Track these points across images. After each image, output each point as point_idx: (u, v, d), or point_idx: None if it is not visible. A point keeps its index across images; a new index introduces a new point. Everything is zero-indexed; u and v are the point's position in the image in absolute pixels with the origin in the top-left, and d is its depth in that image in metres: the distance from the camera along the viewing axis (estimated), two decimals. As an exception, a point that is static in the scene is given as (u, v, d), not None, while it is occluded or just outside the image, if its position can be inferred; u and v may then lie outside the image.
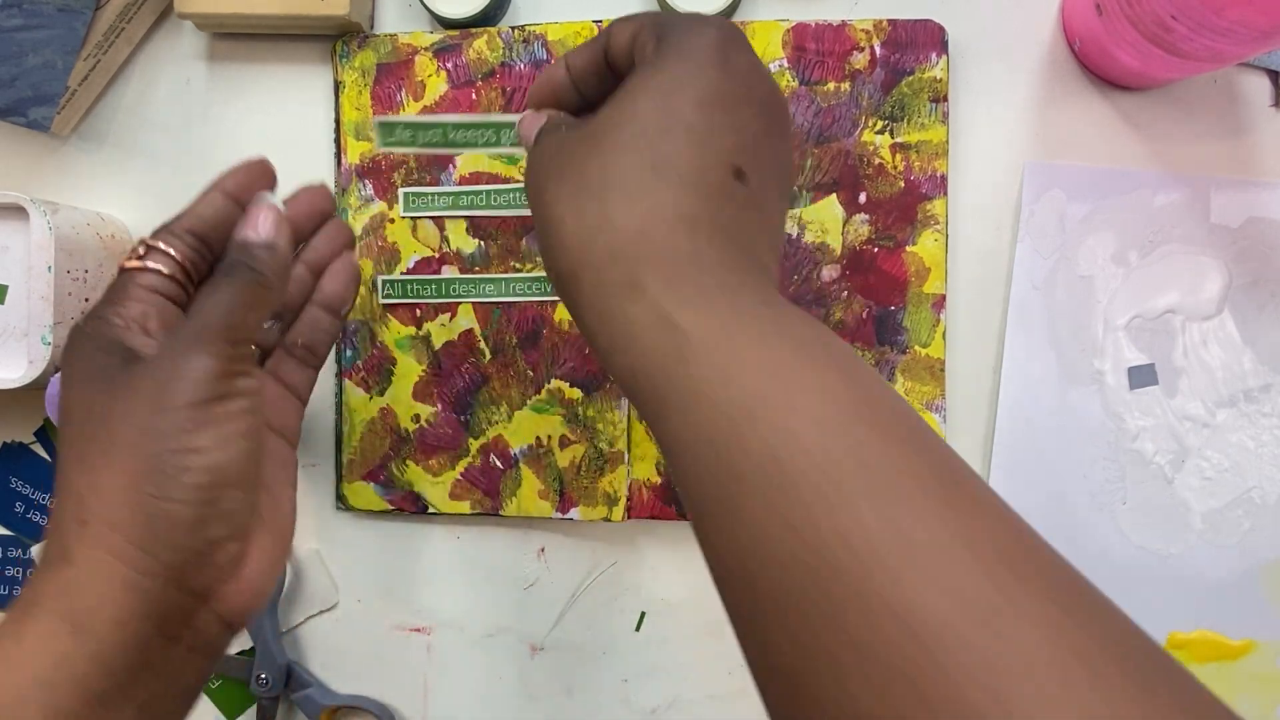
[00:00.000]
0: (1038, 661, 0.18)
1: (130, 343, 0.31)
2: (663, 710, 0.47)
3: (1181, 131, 0.45)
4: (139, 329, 0.31)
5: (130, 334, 0.31)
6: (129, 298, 0.32)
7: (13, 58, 0.45)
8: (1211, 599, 0.44)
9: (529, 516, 0.46)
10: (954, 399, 0.45)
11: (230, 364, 0.30)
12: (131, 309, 0.31)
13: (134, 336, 0.31)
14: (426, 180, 0.46)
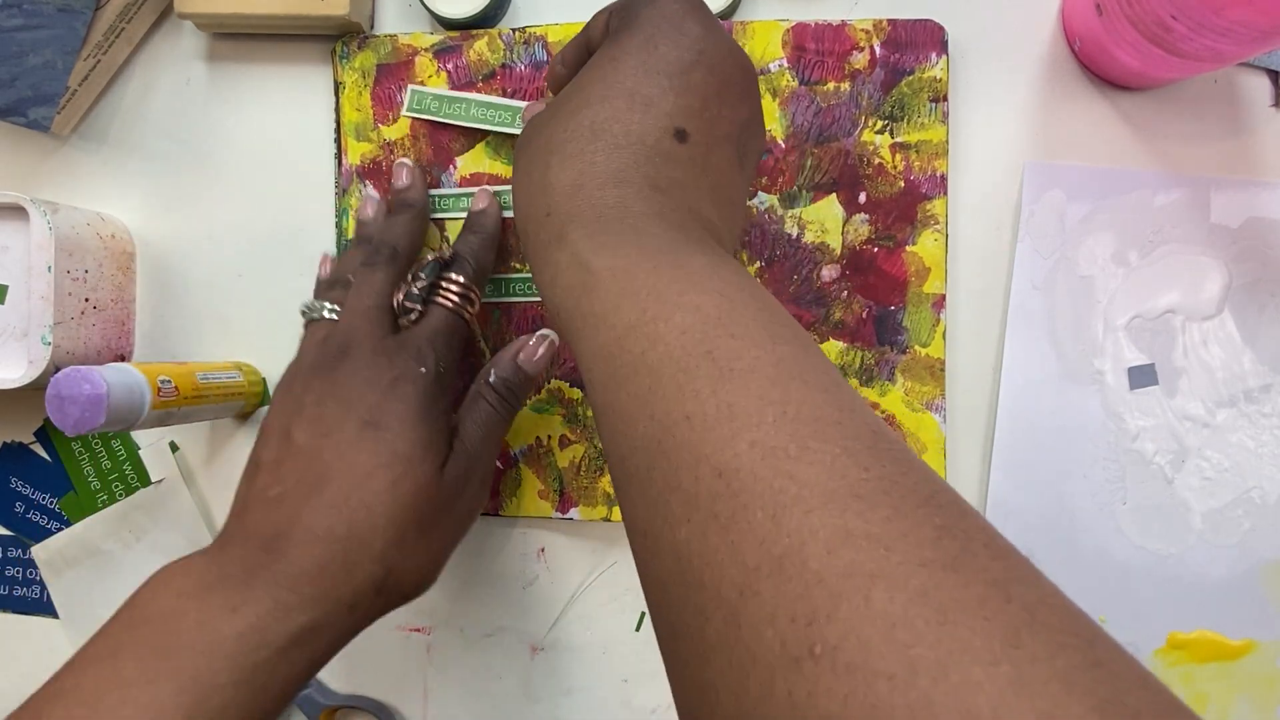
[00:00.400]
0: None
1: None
2: (663, 710, 0.47)
3: (1181, 131, 0.45)
4: None
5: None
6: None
7: (13, 58, 0.45)
8: (1211, 599, 0.44)
9: (529, 516, 0.46)
10: (954, 399, 0.45)
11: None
12: None
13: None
14: (428, 181, 0.46)
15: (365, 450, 0.35)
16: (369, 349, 0.38)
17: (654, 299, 0.26)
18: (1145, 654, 0.44)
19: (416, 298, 0.39)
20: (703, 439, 0.23)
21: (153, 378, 0.40)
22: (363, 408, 0.36)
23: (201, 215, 0.48)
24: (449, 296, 0.40)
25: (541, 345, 0.42)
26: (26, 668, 0.49)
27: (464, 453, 0.38)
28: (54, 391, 0.37)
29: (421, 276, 0.40)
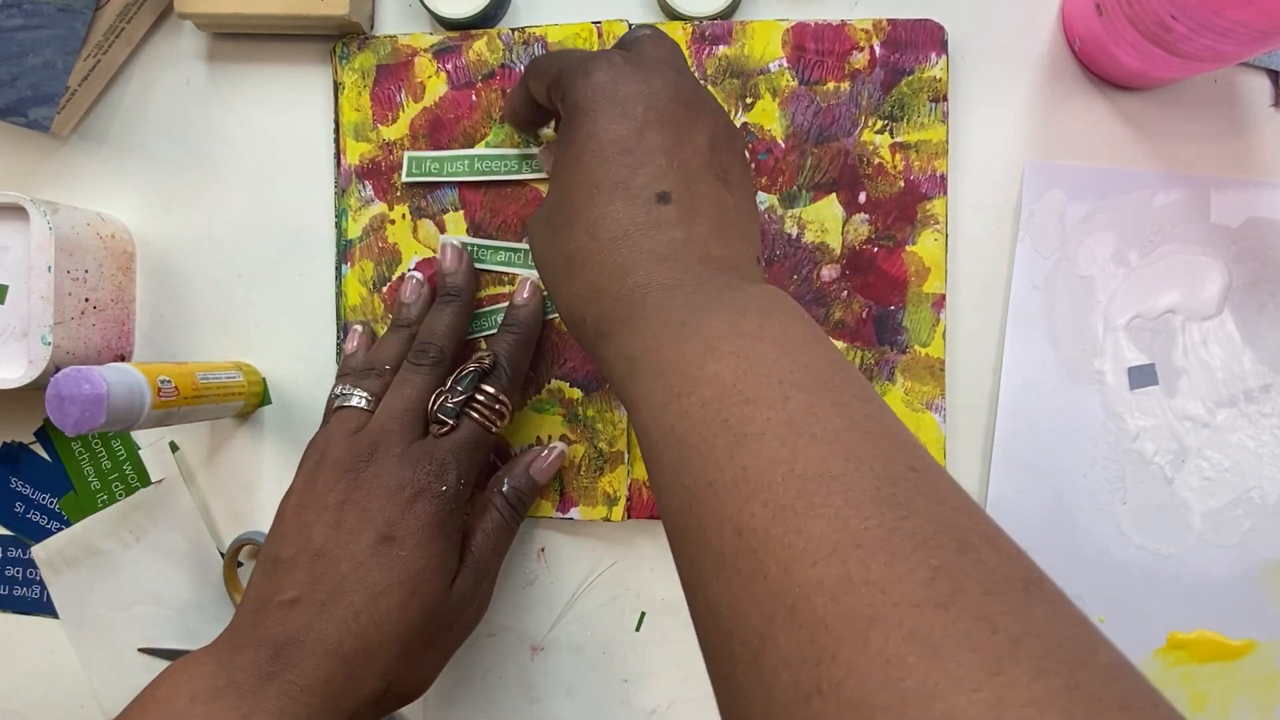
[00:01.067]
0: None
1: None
2: (663, 710, 0.47)
3: (1181, 131, 0.45)
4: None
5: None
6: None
7: (13, 58, 0.45)
8: (1211, 599, 0.44)
9: (529, 516, 0.46)
10: (954, 399, 0.45)
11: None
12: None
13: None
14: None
15: (380, 566, 0.37)
16: (396, 455, 0.39)
17: (679, 376, 0.28)
18: (1145, 654, 0.44)
19: (451, 411, 0.40)
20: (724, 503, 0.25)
21: (153, 378, 0.40)
22: (381, 520, 0.37)
23: (201, 215, 0.48)
24: (482, 412, 0.41)
25: (553, 456, 0.44)
26: (26, 668, 0.49)
27: (473, 566, 0.40)
28: (54, 391, 0.37)
29: (459, 390, 0.40)
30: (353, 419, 0.40)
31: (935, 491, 0.24)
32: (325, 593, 0.36)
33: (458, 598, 0.39)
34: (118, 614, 0.48)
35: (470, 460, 0.40)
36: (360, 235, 0.47)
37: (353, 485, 0.38)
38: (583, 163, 0.33)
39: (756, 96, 0.44)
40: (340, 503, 0.38)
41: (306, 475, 0.39)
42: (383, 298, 0.46)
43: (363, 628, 0.36)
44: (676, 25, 0.45)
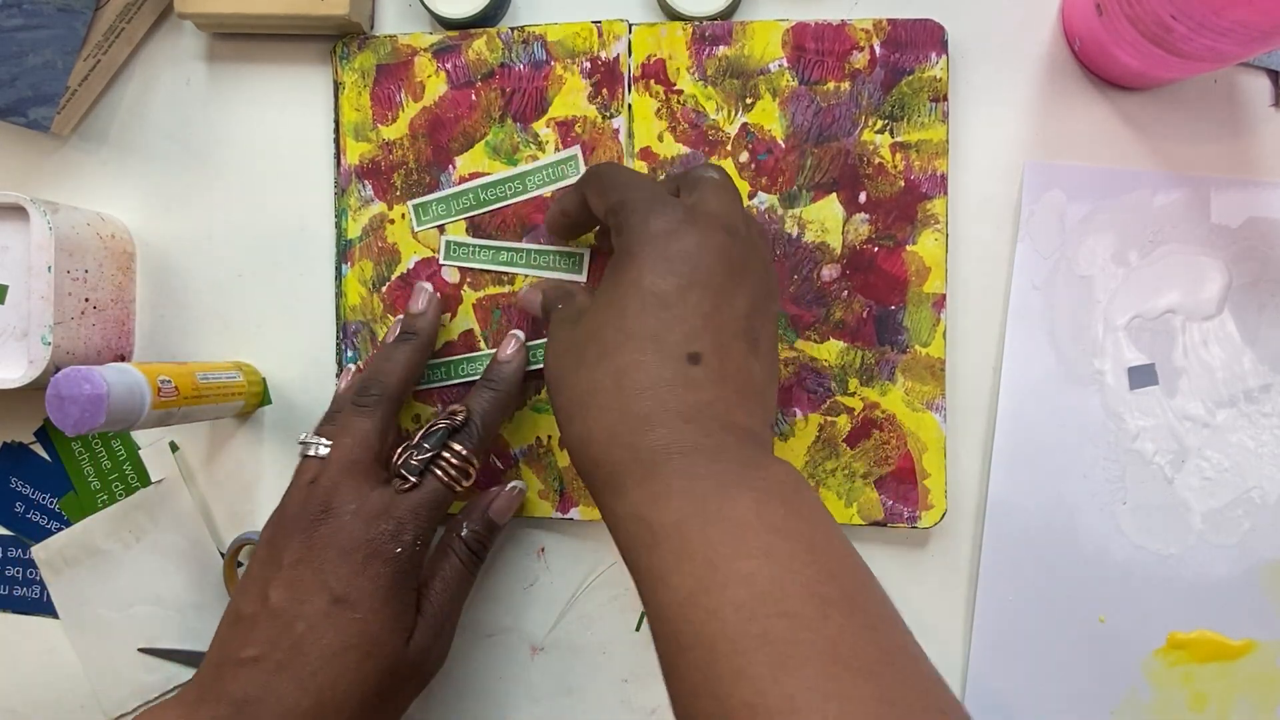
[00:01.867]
0: None
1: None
2: (663, 710, 0.47)
3: (1181, 131, 0.45)
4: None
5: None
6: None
7: (13, 58, 0.45)
8: (1211, 599, 0.44)
9: (529, 516, 0.46)
10: (954, 399, 0.45)
11: None
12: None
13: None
14: (427, 181, 0.46)
15: (334, 628, 0.36)
16: (350, 511, 0.38)
17: (707, 568, 0.28)
18: (1145, 654, 0.44)
19: (414, 469, 0.39)
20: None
21: (153, 378, 0.40)
22: (335, 581, 0.37)
23: (201, 215, 0.48)
24: (448, 471, 0.40)
25: (511, 496, 0.44)
26: (27, 668, 0.49)
27: (432, 618, 0.40)
28: (54, 391, 0.37)
29: (426, 447, 0.40)
30: (310, 469, 0.40)
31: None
32: (283, 652, 0.36)
33: (416, 652, 0.39)
34: (118, 614, 0.48)
35: (430, 519, 0.39)
36: (360, 235, 0.47)
37: (306, 544, 0.38)
38: (622, 307, 0.33)
39: (756, 96, 0.44)
40: (295, 561, 0.37)
41: (268, 530, 0.39)
42: (382, 297, 0.46)
43: (319, 687, 0.36)
44: (676, 25, 0.45)
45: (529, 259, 0.45)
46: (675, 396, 0.32)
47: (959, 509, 0.45)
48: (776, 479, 0.30)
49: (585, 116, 0.45)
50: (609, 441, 0.32)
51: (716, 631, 0.26)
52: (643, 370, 0.32)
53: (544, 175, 0.45)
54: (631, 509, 0.31)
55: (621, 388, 0.32)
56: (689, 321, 0.33)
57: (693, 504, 0.29)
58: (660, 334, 0.33)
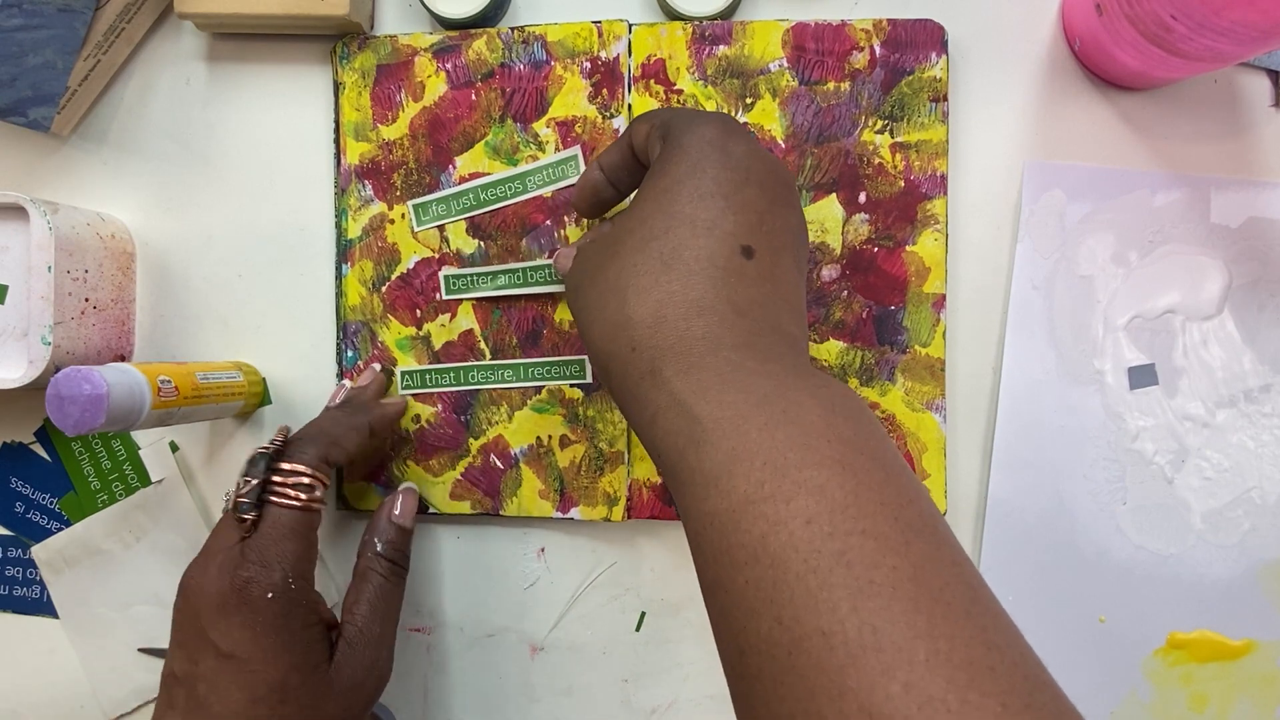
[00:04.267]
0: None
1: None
2: (663, 710, 0.47)
3: (1181, 131, 0.45)
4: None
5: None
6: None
7: (13, 58, 0.45)
8: (1211, 599, 0.44)
9: (529, 516, 0.46)
10: (954, 399, 0.45)
11: None
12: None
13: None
14: (427, 181, 0.46)
15: (235, 683, 0.34)
16: (215, 566, 0.36)
17: (771, 471, 0.24)
18: (1145, 654, 0.44)
19: (246, 506, 0.37)
20: (846, 668, 0.21)
21: (153, 378, 0.40)
22: (217, 637, 0.35)
23: (201, 215, 0.48)
24: (283, 491, 0.37)
25: (406, 498, 0.43)
26: (27, 668, 0.49)
27: (362, 642, 0.38)
28: (54, 391, 0.37)
29: (250, 479, 0.37)
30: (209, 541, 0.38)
31: (1059, 697, 0.22)
32: (191, 715, 0.35)
33: (346, 680, 0.37)
34: (118, 614, 0.48)
35: (296, 551, 0.37)
36: (360, 235, 0.47)
37: (183, 604, 0.36)
38: (672, 194, 0.31)
39: (756, 96, 0.44)
40: (180, 623, 0.36)
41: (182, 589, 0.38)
42: (382, 297, 0.46)
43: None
44: (676, 25, 0.45)
45: (527, 277, 0.45)
46: (728, 285, 0.29)
47: (959, 509, 0.45)
48: (838, 391, 0.27)
49: (585, 116, 0.45)
50: (655, 324, 0.29)
51: (784, 546, 0.23)
52: (695, 253, 0.30)
53: (544, 175, 0.45)
54: (675, 398, 0.27)
55: (670, 268, 0.30)
56: (745, 215, 0.31)
57: (751, 400, 0.26)
58: (715, 221, 0.30)
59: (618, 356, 0.30)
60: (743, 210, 0.31)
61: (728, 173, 0.31)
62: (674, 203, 0.31)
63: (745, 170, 0.32)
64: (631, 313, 0.30)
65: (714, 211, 0.31)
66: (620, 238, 0.32)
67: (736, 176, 0.31)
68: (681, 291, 0.29)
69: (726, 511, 0.25)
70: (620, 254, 0.31)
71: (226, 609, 0.35)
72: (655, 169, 0.33)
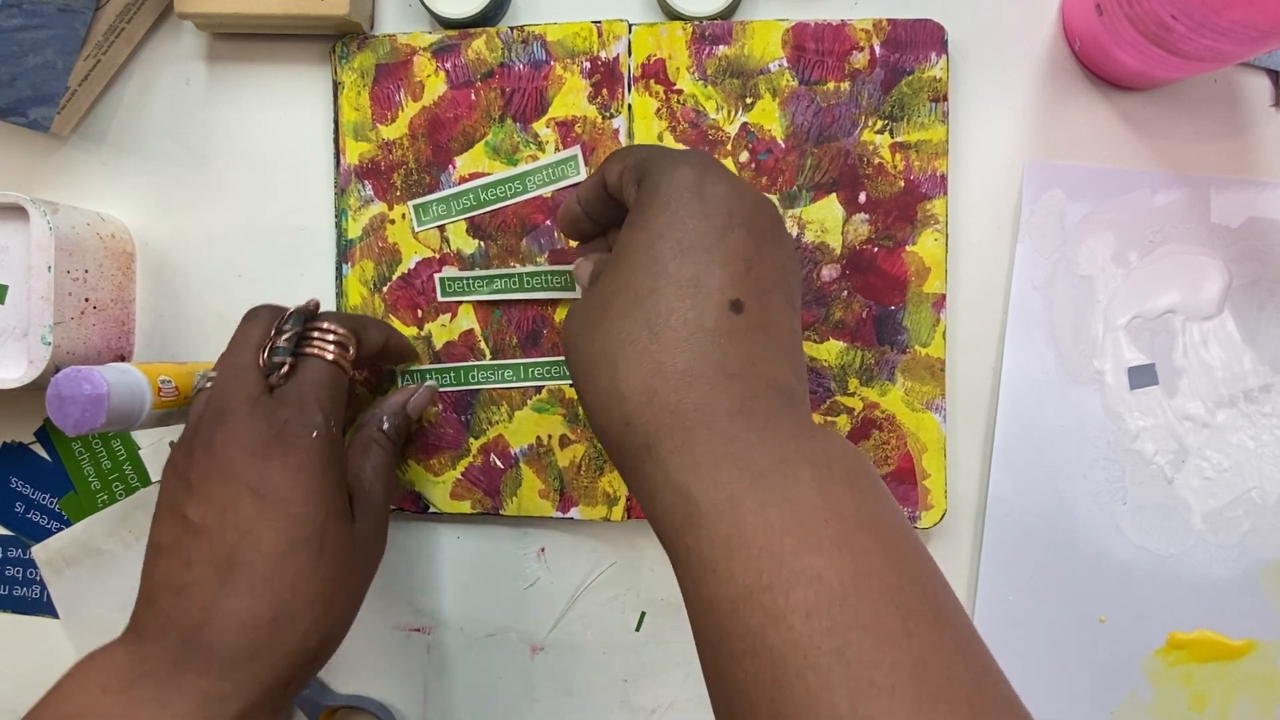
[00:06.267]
0: None
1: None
2: (663, 710, 0.47)
3: (1181, 131, 0.45)
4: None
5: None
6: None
7: (13, 58, 0.45)
8: (1211, 599, 0.44)
9: (529, 516, 0.46)
10: (954, 399, 0.45)
11: None
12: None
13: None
14: (427, 181, 0.46)
15: (271, 527, 0.34)
16: (245, 412, 0.35)
17: (769, 559, 0.24)
18: (1145, 654, 0.44)
19: (284, 350, 0.37)
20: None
21: (153, 378, 0.40)
22: (254, 480, 0.34)
23: (201, 215, 0.48)
24: (324, 345, 0.38)
25: (428, 395, 0.45)
26: (26, 668, 0.49)
27: (371, 505, 0.38)
28: (54, 391, 0.37)
29: (286, 329, 0.38)
30: (203, 397, 0.37)
31: None
32: (218, 569, 0.33)
33: (364, 537, 0.37)
34: (118, 614, 0.48)
35: (333, 399, 0.37)
36: (360, 235, 0.47)
37: (209, 455, 0.35)
38: (654, 252, 0.30)
39: (756, 96, 0.44)
40: (203, 475, 0.34)
41: (168, 464, 0.37)
42: (383, 297, 0.46)
43: (275, 593, 0.33)
44: (676, 25, 0.45)
45: (523, 283, 0.45)
46: (718, 348, 0.29)
47: (959, 509, 0.45)
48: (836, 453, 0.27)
49: (585, 116, 0.45)
50: (646, 398, 0.28)
51: (783, 641, 0.23)
52: (681, 317, 0.29)
53: (544, 175, 0.45)
54: (670, 478, 0.27)
55: (658, 336, 0.29)
56: (730, 265, 0.30)
57: (746, 478, 0.26)
58: (700, 278, 0.29)
59: (613, 430, 0.30)
60: (728, 260, 0.30)
61: (707, 221, 0.30)
62: (656, 260, 0.30)
63: (727, 215, 0.30)
64: (623, 386, 0.29)
65: (698, 267, 0.30)
66: (608, 300, 0.31)
67: (717, 224, 0.30)
68: (670, 362, 0.29)
69: (725, 599, 0.25)
70: (608, 318, 0.31)
71: (268, 451, 0.34)
72: (634, 218, 0.32)
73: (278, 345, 0.37)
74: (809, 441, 0.27)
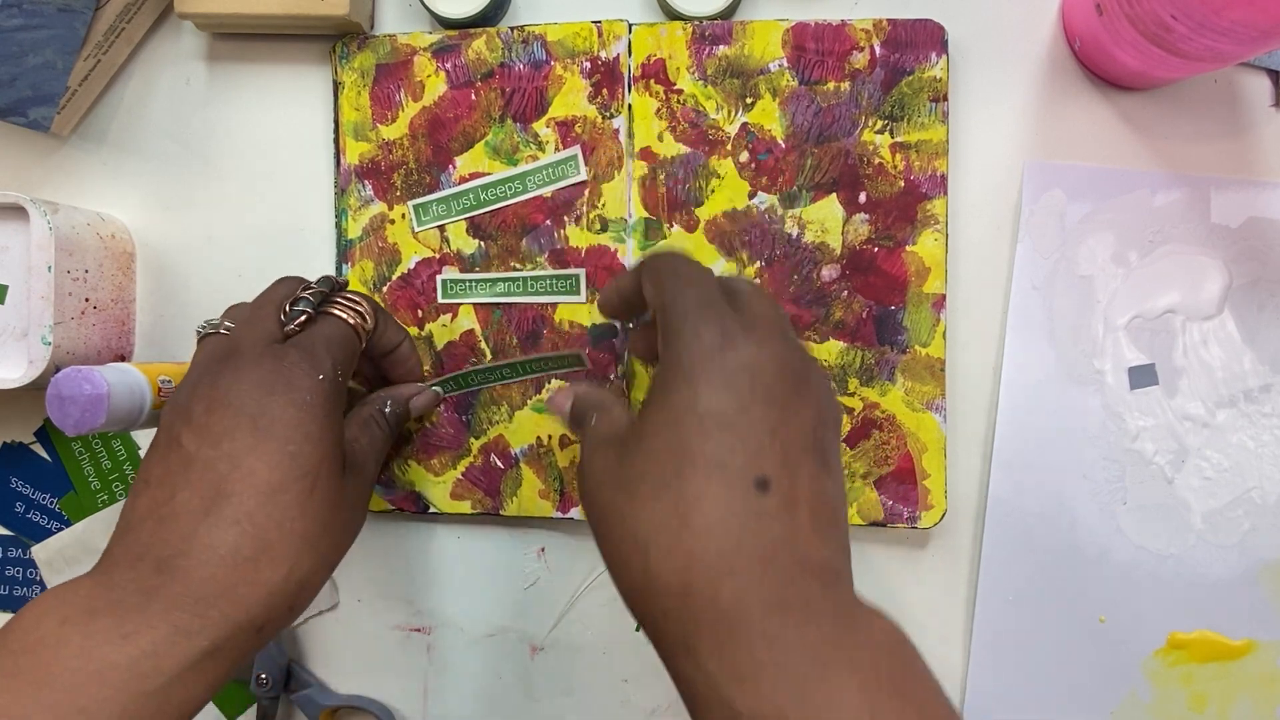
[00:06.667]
0: None
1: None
2: (663, 710, 0.47)
3: (1181, 131, 0.45)
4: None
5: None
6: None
7: (13, 58, 0.45)
8: (1211, 599, 0.44)
9: (529, 516, 0.46)
10: (954, 399, 0.45)
11: None
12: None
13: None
14: (427, 181, 0.46)
15: (267, 463, 0.33)
16: (257, 352, 0.35)
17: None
18: (1145, 654, 0.44)
19: (306, 302, 0.37)
20: None
21: (153, 378, 0.40)
22: (256, 411, 0.33)
23: (201, 215, 0.48)
24: (346, 306, 0.38)
25: (430, 399, 0.45)
26: (26, 668, 0.49)
27: (360, 474, 0.38)
28: (54, 391, 0.37)
29: (313, 286, 0.38)
30: (211, 341, 0.37)
31: None
32: (204, 499, 0.32)
33: (353, 494, 0.36)
34: (118, 614, 0.48)
35: (344, 354, 0.37)
36: (360, 235, 0.47)
37: (214, 389, 0.34)
38: (678, 431, 0.30)
39: (756, 96, 0.44)
40: (206, 408, 0.33)
41: (169, 400, 0.36)
42: (384, 297, 0.47)
43: (260, 528, 0.32)
44: (676, 25, 0.45)
45: (526, 286, 0.45)
46: (749, 532, 0.28)
47: (959, 509, 0.45)
48: (881, 646, 0.27)
49: (585, 116, 0.45)
50: (682, 591, 0.28)
51: None
52: (711, 503, 0.29)
53: (544, 175, 0.45)
54: (711, 681, 0.27)
55: (689, 524, 0.28)
56: (753, 441, 0.29)
57: (789, 689, 0.26)
58: (724, 459, 0.29)
59: (649, 618, 0.30)
60: (750, 435, 0.29)
61: (729, 394, 0.30)
62: (681, 440, 0.30)
63: (750, 383, 0.30)
64: (656, 577, 0.29)
65: (720, 447, 0.29)
66: (635, 483, 0.30)
67: (740, 397, 0.30)
68: (702, 551, 0.28)
69: None
70: (637, 502, 0.30)
71: (272, 386, 0.34)
72: (657, 386, 0.32)
73: (301, 296, 0.38)
74: (850, 635, 0.27)
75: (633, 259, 0.45)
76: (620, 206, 0.45)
